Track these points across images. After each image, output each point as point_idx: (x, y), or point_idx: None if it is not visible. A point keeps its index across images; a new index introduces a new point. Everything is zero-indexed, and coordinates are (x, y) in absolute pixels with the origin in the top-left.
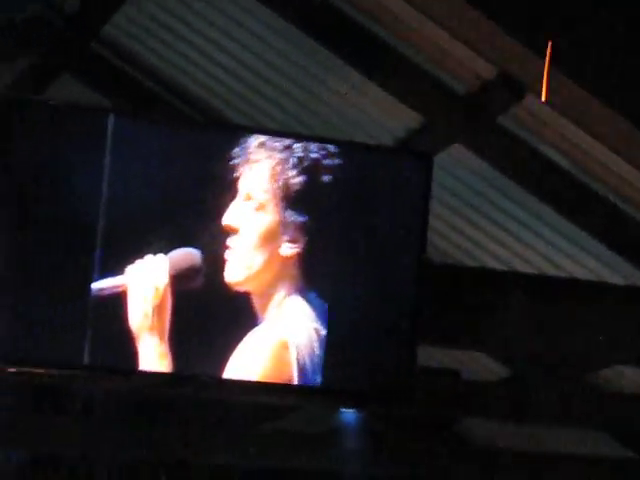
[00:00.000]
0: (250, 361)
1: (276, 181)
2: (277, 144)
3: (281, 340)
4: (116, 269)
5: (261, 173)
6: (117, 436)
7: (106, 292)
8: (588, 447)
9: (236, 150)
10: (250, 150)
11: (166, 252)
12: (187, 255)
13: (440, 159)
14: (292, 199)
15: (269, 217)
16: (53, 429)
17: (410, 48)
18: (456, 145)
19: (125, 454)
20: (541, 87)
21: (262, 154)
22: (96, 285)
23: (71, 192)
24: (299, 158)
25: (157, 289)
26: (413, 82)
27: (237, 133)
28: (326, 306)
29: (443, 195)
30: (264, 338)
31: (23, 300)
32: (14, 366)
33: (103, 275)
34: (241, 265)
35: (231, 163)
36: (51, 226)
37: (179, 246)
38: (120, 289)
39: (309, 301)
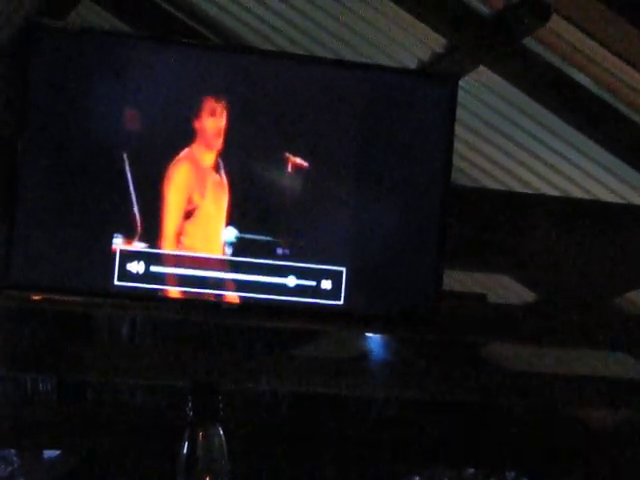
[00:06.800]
0: None
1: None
2: (296, 68)
3: None
4: None
5: (281, 96)
6: (144, 361)
7: None
8: (612, 370)
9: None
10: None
11: None
12: None
13: (465, 82)
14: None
15: None
16: (79, 356)
17: None
18: (481, 68)
19: (152, 379)
20: (566, 8)
21: (283, 77)
22: None
23: (93, 118)
24: (319, 82)
25: None
26: (437, 3)
27: (257, 55)
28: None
29: (468, 119)
30: None
31: (46, 228)
32: (38, 293)
33: None
34: None
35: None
36: (75, 155)
37: None
38: None
39: None
